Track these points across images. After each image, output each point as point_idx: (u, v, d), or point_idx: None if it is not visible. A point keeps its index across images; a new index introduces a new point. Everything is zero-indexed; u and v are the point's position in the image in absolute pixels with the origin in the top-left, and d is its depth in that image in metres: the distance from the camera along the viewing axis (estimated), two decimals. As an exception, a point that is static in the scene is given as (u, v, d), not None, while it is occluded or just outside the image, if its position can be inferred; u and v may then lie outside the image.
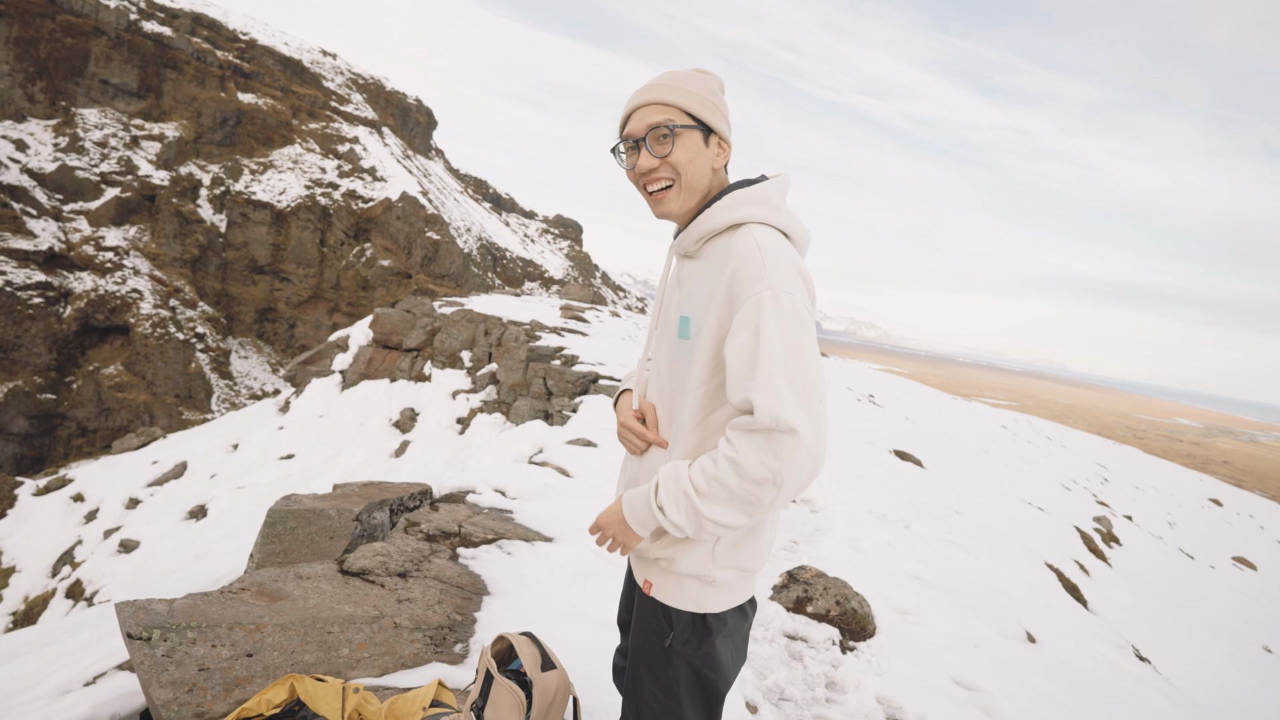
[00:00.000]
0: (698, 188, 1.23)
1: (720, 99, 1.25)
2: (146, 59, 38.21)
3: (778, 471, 1.01)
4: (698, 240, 1.23)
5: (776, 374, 1.03)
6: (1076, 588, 4.81)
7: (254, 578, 2.40)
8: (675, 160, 1.21)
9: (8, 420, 29.10)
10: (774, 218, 1.18)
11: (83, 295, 31.83)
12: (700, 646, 1.22)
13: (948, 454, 11.05)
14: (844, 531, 4.66)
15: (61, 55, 35.92)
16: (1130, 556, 7.69)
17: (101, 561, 10.06)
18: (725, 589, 1.22)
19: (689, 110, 1.20)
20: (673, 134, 1.20)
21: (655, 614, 1.25)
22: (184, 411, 31.66)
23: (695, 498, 1.07)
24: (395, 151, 47.85)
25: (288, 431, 12.56)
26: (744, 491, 1.04)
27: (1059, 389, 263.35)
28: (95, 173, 34.93)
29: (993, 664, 3.04)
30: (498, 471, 4.38)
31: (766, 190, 1.21)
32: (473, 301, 16.00)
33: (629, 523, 1.19)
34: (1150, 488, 18.94)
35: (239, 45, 42.62)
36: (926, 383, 43.35)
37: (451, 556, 2.99)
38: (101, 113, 36.78)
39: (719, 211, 1.20)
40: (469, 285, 42.04)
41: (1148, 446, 67.70)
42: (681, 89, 1.21)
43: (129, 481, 12.29)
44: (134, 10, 38.28)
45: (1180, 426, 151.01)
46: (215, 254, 37.96)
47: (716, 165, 1.25)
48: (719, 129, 1.23)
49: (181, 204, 36.82)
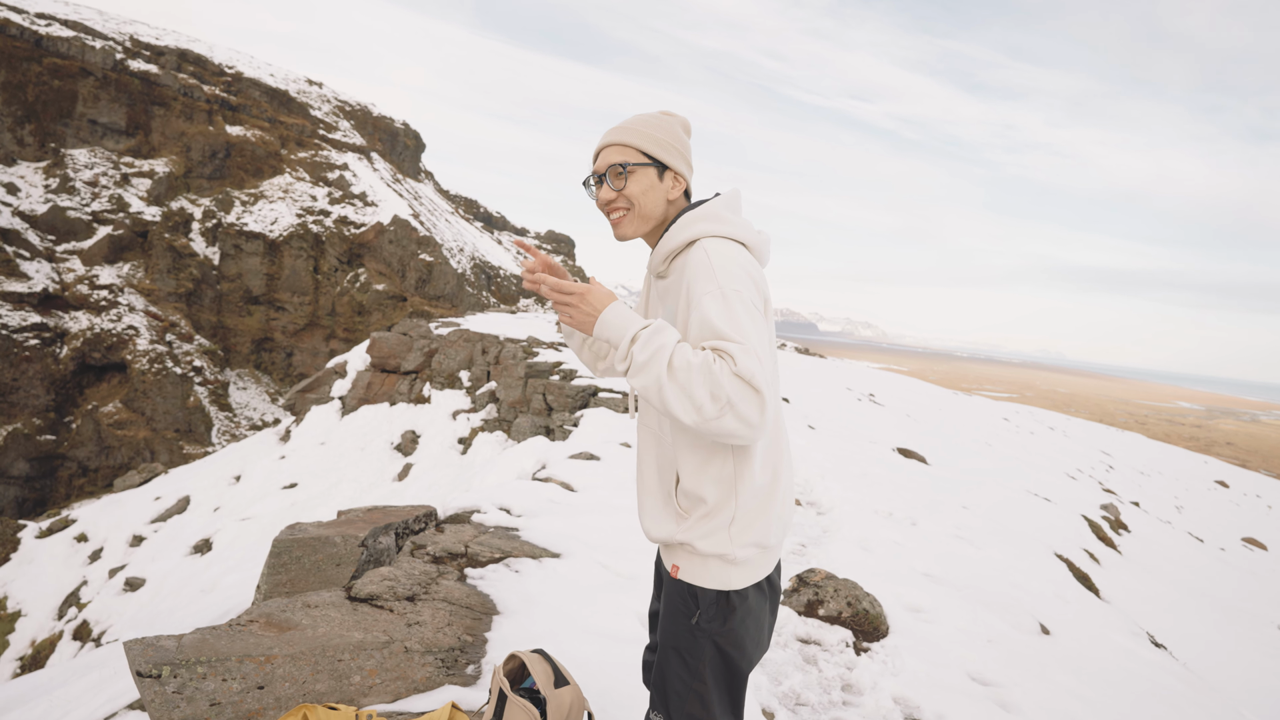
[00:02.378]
0: (651, 215, 1.40)
1: (680, 138, 1.42)
2: (134, 97, 38.44)
3: (734, 408, 1.08)
4: (664, 260, 1.38)
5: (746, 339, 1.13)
6: (1088, 577, 4.79)
7: (262, 609, 2.39)
8: (629, 193, 1.38)
9: (8, 463, 28.98)
10: (724, 229, 1.31)
11: (79, 334, 31.81)
12: (725, 623, 1.31)
13: (951, 449, 11.04)
14: (851, 532, 4.65)
15: (49, 97, 36.13)
16: (1140, 543, 7.67)
17: (108, 601, 9.99)
18: (746, 566, 1.33)
19: (645, 150, 1.38)
20: (626, 171, 1.37)
21: (682, 595, 1.35)
22: (185, 446, 31.56)
23: (665, 363, 1.12)
24: (385, 176, 48.06)
25: (289, 460, 12.52)
26: (700, 396, 1.09)
27: (1059, 378, 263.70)
28: (87, 212, 35.03)
29: (1008, 658, 3.02)
30: (501, 490, 4.37)
31: (714, 207, 1.35)
32: (469, 321, 16.02)
33: (598, 316, 1.23)
34: (1155, 473, 18.92)
35: (225, 79, 42.91)
36: (926, 379, 43.38)
37: (459, 577, 2.98)
38: (91, 152, 36.94)
39: (675, 232, 1.35)
40: (464, 305, 42.09)
41: (1150, 432, 67.69)
42: (640, 131, 1.39)
43: (132, 519, 12.23)
44: (120, 50, 38.56)
45: (1182, 410, 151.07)
46: (210, 287, 38.00)
47: (671, 196, 1.41)
48: (673, 165, 1.40)
49: (174, 239, 36.91)
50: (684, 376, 1.11)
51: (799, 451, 7.00)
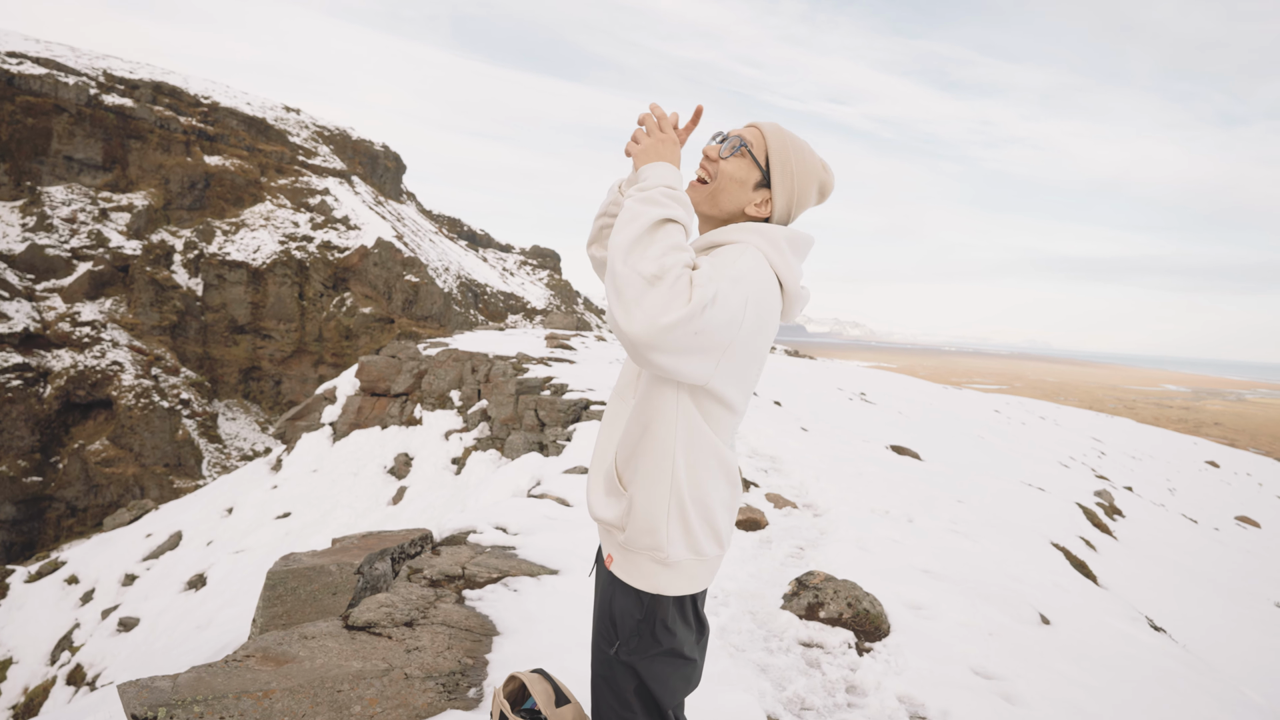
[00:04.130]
0: (721, 204, 1.30)
1: (805, 184, 1.30)
2: (110, 131, 38.23)
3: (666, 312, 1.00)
4: (699, 251, 1.28)
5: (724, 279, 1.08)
6: (1085, 564, 4.82)
7: (258, 643, 2.36)
8: (724, 168, 1.29)
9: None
10: (772, 254, 1.21)
11: (62, 373, 31.42)
12: (645, 654, 1.25)
13: (944, 444, 11.11)
14: (849, 532, 4.66)
15: (24, 135, 35.87)
16: (1134, 527, 7.73)
17: (101, 643, 9.81)
18: (678, 571, 1.23)
19: (769, 157, 1.28)
20: (739, 151, 1.28)
21: (605, 619, 1.30)
22: (175, 480, 31.16)
23: (650, 222, 1.07)
24: (367, 199, 47.98)
25: (282, 489, 12.39)
26: (645, 270, 1.02)
27: (1047, 368, 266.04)
28: (66, 249, 34.71)
29: (1010, 650, 3.03)
30: (497, 508, 4.35)
31: (776, 230, 1.25)
32: (457, 340, 15.97)
33: (658, 160, 1.20)
34: (1147, 456, 19.09)
35: (202, 109, 42.78)
36: (916, 375, 43.60)
37: (457, 600, 2.95)
38: (68, 188, 36.66)
39: (728, 232, 1.26)
40: (452, 324, 41.96)
41: (1139, 416, 68.36)
42: (783, 146, 1.29)
43: (124, 557, 12.04)
44: (94, 85, 38.38)
45: (1169, 393, 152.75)
46: (194, 318, 37.69)
47: (749, 210, 1.30)
48: (776, 188, 1.29)
49: (156, 271, 36.62)
50: (651, 235, 1.05)
51: (792, 454, 7.01)
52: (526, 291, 57.84)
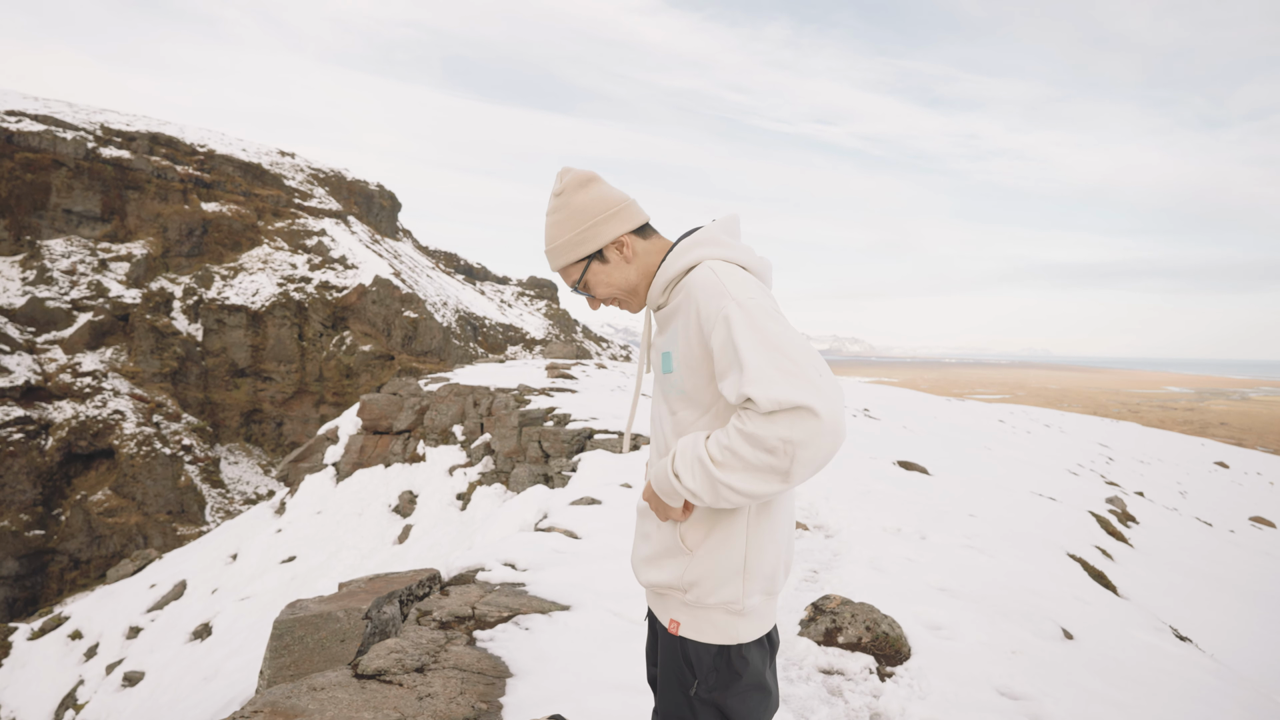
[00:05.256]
0: (634, 284, 1.34)
1: (588, 209, 1.30)
2: (108, 183, 38.71)
3: (790, 440, 1.02)
4: (663, 290, 1.30)
5: (766, 366, 1.06)
6: (1103, 574, 4.75)
7: (266, 697, 2.30)
8: (603, 295, 1.36)
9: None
10: (725, 253, 1.24)
11: (64, 424, 31.34)
12: (728, 689, 1.20)
13: (951, 457, 11.03)
14: (862, 552, 4.59)
15: (23, 191, 36.30)
16: (1149, 533, 7.63)
17: (106, 699, 9.62)
18: (753, 616, 1.23)
19: (573, 260, 1.32)
20: (581, 285, 1.35)
21: (676, 660, 1.24)
22: (178, 527, 30.88)
23: (711, 465, 1.09)
24: (363, 238, 48.40)
25: (286, 533, 12.27)
26: (758, 460, 1.05)
27: (1049, 375, 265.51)
28: (66, 301, 34.89)
29: (1034, 668, 2.96)
30: (505, 544, 4.30)
31: (711, 231, 1.28)
32: (458, 374, 15.96)
33: (658, 494, 1.21)
34: (1155, 460, 18.95)
35: (198, 157, 43.38)
36: (917, 388, 43.49)
37: (469, 641, 2.90)
38: (67, 241, 36.99)
39: (673, 261, 1.27)
40: (452, 358, 42.00)
41: (1144, 419, 68.05)
42: (556, 249, 1.33)
43: (128, 610, 11.87)
44: (91, 139, 38.97)
45: (1172, 395, 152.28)
46: (194, 363, 37.73)
47: (633, 256, 1.33)
48: (604, 241, 1.31)
49: (155, 319, 36.77)
50: (729, 458, 1.07)
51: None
52: (525, 322, 58.02)
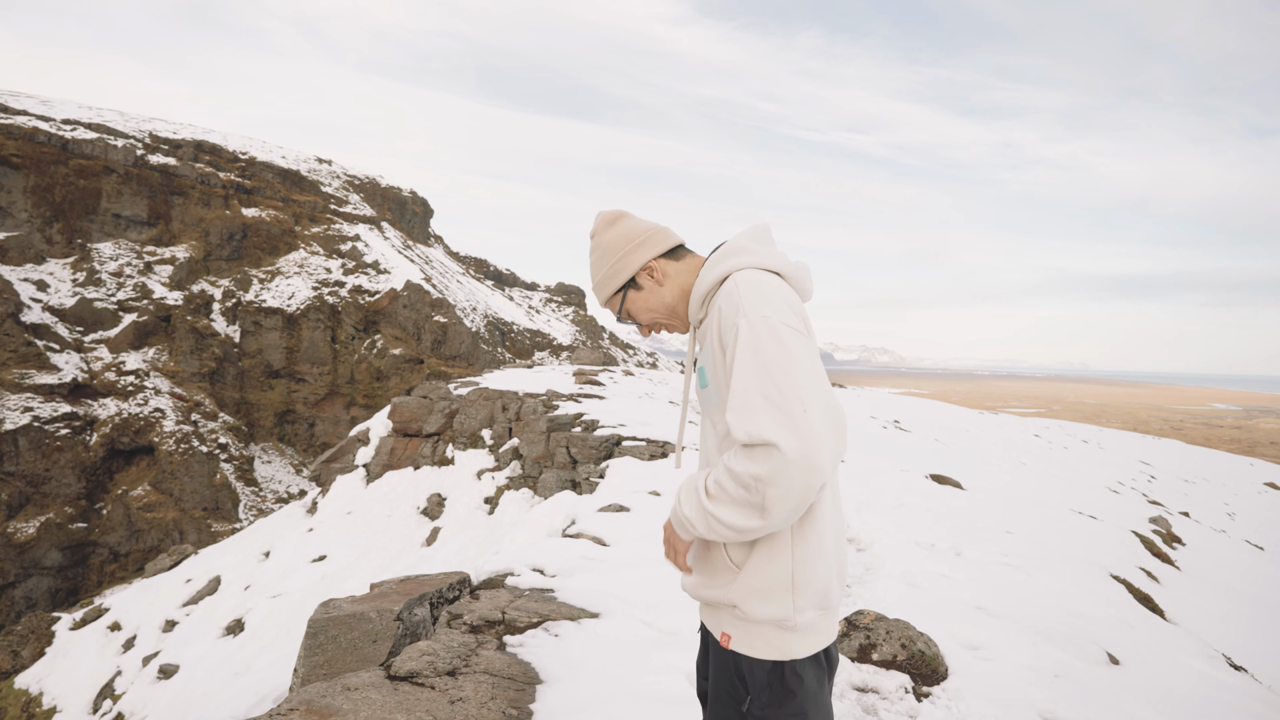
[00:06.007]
0: (672, 305, 1.40)
1: (618, 243, 1.39)
2: (154, 189, 40.08)
3: (759, 478, 1.05)
4: (700, 304, 1.34)
5: (751, 393, 1.09)
6: (1149, 598, 4.57)
7: (302, 696, 2.33)
8: (646, 321, 1.43)
9: (41, 554, 29.19)
10: (755, 260, 1.27)
11: (107, 421, 32.40)
12: (782, 708, 1.18)
13: (985, 471, 10.77)
14: (895, 568, 4.49)
15: (75, 196, 37.77)
16: (1197, 556, 7.34)
17: (142, 691, 9.86)
18: (807, 632, 1.21)
19: (612, 292, 1.41)
20: (622, 314, 1.43)
21: (729, 676, 1.23)
22: (213, 524, 31.65)
23: (704, 498, 1.15)
24: (396, 243, 49.29)
25: (317, 532, 12.48)
26: (737, 495, 1.09)
27: (1086, 389, 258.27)
28: (113, 302, 36.15)
29: (1079, 693, 2.86)
30: (533, 549, 4.30)
31: (739, 240, 1.31)
32: (487, 379, 16.11)
33: (673, 525, 1.27)
34: (1200, 479, 18.26)
35: (240, 164, 44.68)
36: (949, 400, 42.68)
37: (498, 646, 2.90)
38: (115, 244, 38.35)
39: (705, 275, 1.31)
40: (480, 363, 42.45)
41: (1188, 437, 65.70)
42: (597, 284, 1.42)
43: (164, 603, 12.18)
44: (140, 146, 40.43)
45: (1218, 412, 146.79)
46: (231, 364, 38.74)
47: (665, 279, 1.39)
48: (637, 269, 1.38)
49: (196, 320, 37.86)
50: (718, 490, 1.12)
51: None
52: (552, 328, 58.40)
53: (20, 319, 31.90)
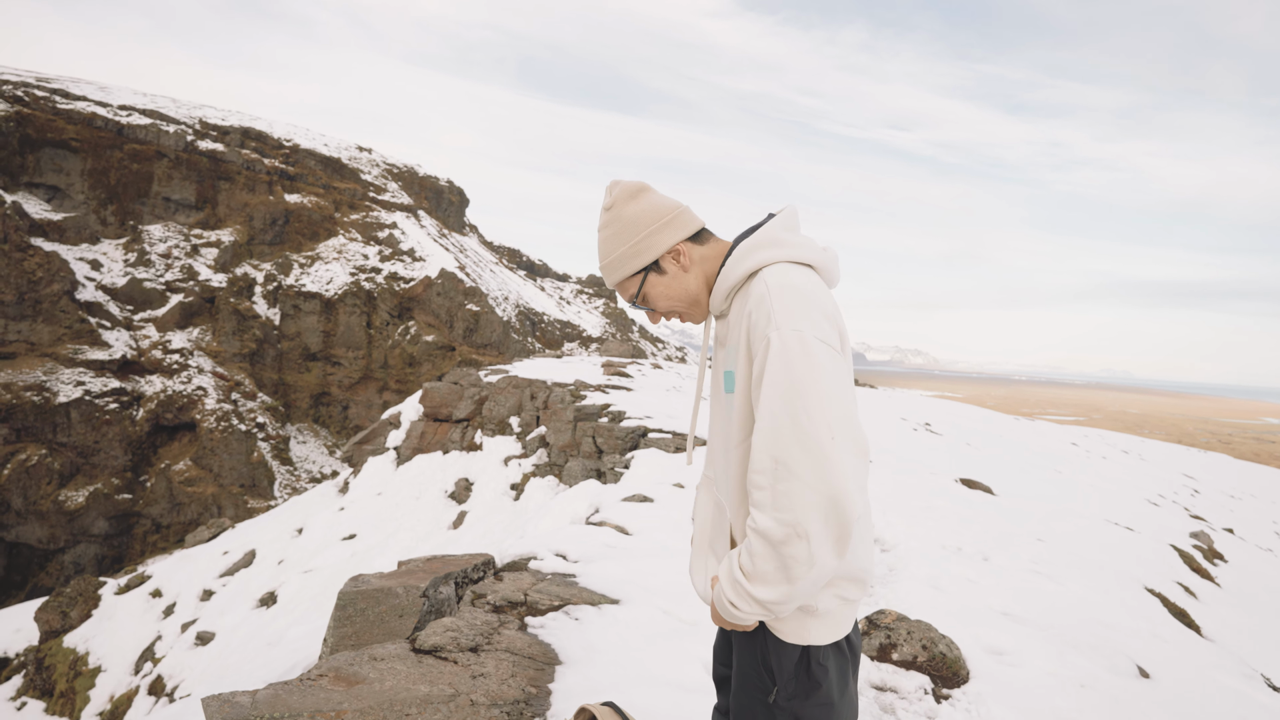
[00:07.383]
0: (695, 293, 1.31)
1: (638, 222, 1.27)
2: (203, 174, 41.33)
3: (793, 523, 1.00)
4: (725, 298, 1.26)
5: (780, 415, 1.04)
6: (1185, 613, 4.44)
7: (330, 663, 2.41)
8: (664, 309, 1.32)
9: (89, 522, 30.51)
10: (786, 253, 1.19)
11: (153, 397, 33.65)
12: (809, 697, 1.17)
13: (1018, 478, 10.53)
14: (920, 570, 4.44)
15: (129, 180, 39.14)
16: (1239, 573, 7.08)
17: (180, 655, 10.27)
18: (828, 618, 1.19)
19: (630, 273, 1.29)
20: (639, 299, 1.31)
21: (755, 667, 1.21)
22: (249, 500, 32.69)
23: (746, 584, 1.08)
24: (431, 232, 50.01)
25: (348, 512, 12.81)
26: (775, 558, 1.03)
27: (1128, 398, 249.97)
28: (161, 282, 37.44)
29: (1105, 704, 2.80)
30: (556, 535, 4.36)
31: (771, 230, 1.23)
32: (516, 367, 16.28)
33: (726, 619, 1.19)
34: (1247, 495, 17.57)
35: (284, 151, 45.78)
36: (983, 405, 41.74)
37: (520, 626, 2.96)
38: (165, 227, 39.68)
39: (733, 266, 1.23)
40: (511, 352, 42.91)
41: (1236, 451, 63.18)
42: (612, 263, 1.29)
43: (202, 573, 12.64)
44: (190, 132, 41.69)
45: (1270, 427, 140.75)
46: (271, 346, 39.84)
47: (690, 264, 1.29)
48: (659, 253, 1.27)
49: (238, 302, 39.01)
50: (750, 562, 1.07)
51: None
52: (582, 320, 58.69)
53: (75, 296, 33.27)
